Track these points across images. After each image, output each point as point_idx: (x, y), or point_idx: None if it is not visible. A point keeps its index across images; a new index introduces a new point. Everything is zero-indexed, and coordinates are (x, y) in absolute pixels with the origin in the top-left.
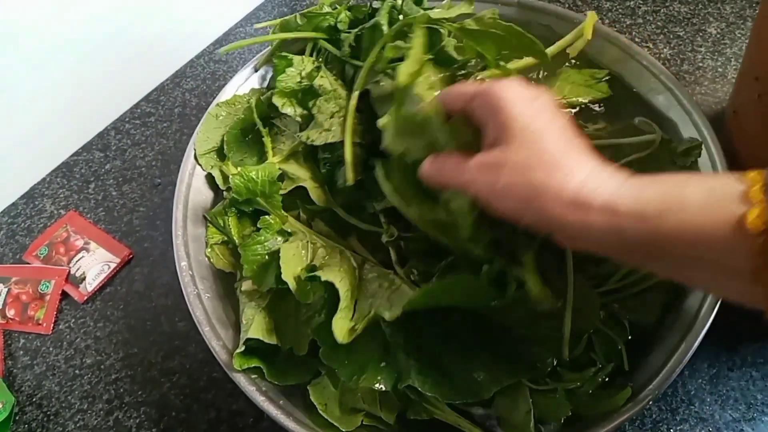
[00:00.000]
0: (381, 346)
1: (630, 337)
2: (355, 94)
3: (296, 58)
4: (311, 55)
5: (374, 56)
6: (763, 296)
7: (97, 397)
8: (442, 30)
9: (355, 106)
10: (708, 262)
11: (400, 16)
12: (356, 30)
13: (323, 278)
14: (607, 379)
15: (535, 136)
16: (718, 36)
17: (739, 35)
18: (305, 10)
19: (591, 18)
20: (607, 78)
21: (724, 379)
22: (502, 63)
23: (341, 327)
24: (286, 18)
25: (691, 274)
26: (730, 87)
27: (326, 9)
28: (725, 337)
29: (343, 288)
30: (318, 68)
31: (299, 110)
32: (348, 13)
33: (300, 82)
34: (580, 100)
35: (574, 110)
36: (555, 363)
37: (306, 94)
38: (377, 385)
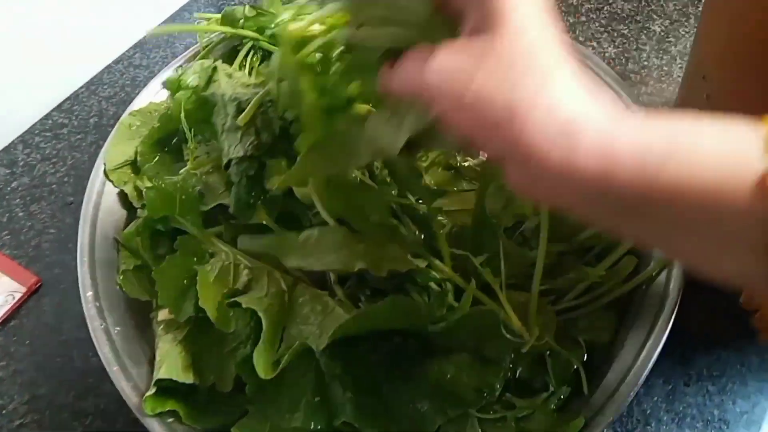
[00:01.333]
0: (315, 378)
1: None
2: None
3: (184, 76)
4: (246, 55)
5: None
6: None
7: None
8: None
9: None
10: (710, 227)
11: None
12: None
13: (244, 305)
14: (561, 403)
15: (531, 31)
16: (663, 34)
17: (683, 33)
18: (255, 4)
19: None
20: None
21: (681, 395)
22: None
23: (263, 361)
24: (231, 8)
25: (684, 241)
26: (677, 86)
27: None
28: (679, 347)
29: (266, 318)
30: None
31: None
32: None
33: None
34: None
35: None
36: (503, 389)
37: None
38: (312, 425)
